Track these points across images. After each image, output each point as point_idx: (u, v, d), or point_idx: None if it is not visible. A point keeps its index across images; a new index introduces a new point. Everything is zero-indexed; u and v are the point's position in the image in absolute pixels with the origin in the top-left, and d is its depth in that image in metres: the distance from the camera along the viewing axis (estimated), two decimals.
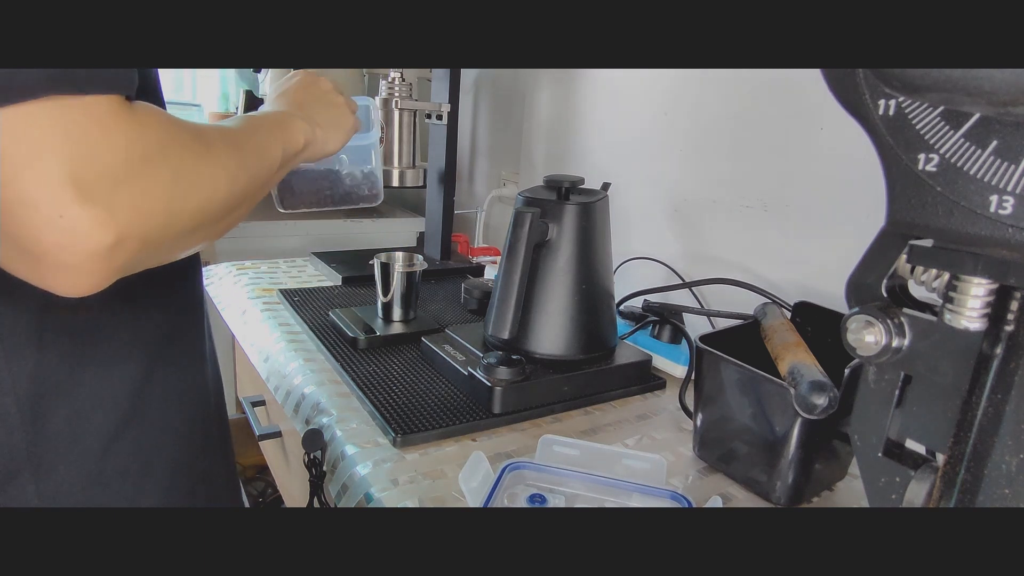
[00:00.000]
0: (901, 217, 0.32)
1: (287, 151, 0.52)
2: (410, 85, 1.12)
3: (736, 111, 0.90)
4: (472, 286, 1.00)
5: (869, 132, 0.32)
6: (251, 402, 1.04)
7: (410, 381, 0.74)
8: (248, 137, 0.46)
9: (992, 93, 0.24)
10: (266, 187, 0.49)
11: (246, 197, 0.44)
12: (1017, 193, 0.27)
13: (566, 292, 0.74)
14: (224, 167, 0.40)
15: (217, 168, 0.39)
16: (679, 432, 0.70)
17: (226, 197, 0.40)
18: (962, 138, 0.29)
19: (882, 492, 0.36)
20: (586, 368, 0.74)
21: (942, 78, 0.25)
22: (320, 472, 0.64)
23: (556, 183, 0.75)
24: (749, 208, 0.89)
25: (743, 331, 0.66)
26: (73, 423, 0.45)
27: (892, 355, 0.33)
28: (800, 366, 0.52)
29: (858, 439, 0.36)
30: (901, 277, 0.34)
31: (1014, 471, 0.29)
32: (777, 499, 0.57)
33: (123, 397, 0.47)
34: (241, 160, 0.43)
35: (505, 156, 1.47)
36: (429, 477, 0.58)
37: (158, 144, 0.34)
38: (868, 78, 0.31)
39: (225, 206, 0.41)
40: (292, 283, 1.10)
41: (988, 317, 0.30)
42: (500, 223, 1.48)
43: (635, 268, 1.06)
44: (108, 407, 0.46)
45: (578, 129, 1.21)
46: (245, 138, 0.45)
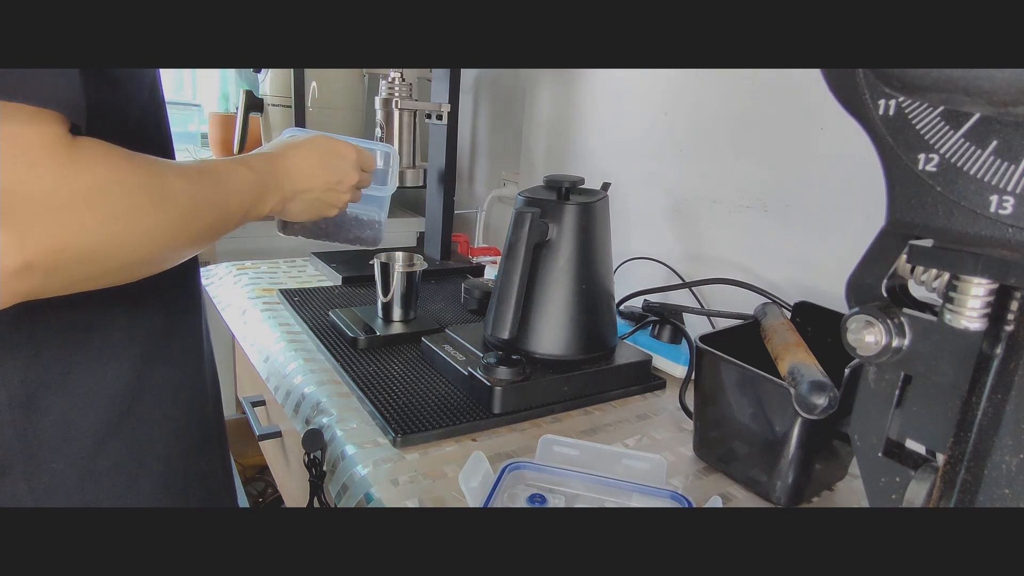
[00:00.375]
0: (901, 217, 0.32)
1: (249, 214, 0.51)
2: (410, 85, 1.12)
3: (736, 111, 0.90)
4: (472, 286, 1.00)
5: (869, 132, 0.32)
6: (251, 402, 1.04)
7: (410, 381, 0.74)
8: (212, 191, 0.45)
9: (992, 93, 0.24)
10: (219, 236, 0.48)
11: (192, 244, 0.44)
12: (1017, 193, 0.27)
13: (566, 292, 0.74)
14: (173, 216, 0.40)
15: (163, 216, 0.39)
16: (679, 432, 0.70)
17: (167, 244, 0.40)
18: (962, 138, 0.29)
19: (882, 492, 0.36)
20: (586, 368, 0.74)
21: (942, 78, 0.25)
22: (320, 472, 0.64)
23: (556, 183, 0.75)
24: (749, 208, 0.89)
25: (743, 331, 0.66)
26: (66, 419, 0.45)
27: (892, 355, 0.33)
28: (800, 366, 0.52)
29: (858, 439, 0.36)
30: (901, 277, 0.34)
31: (1014, 471, 0.29)
32: (777, 499, 0.57)
33: (117, 394, 0.47)
34: (196, 212, 0.42)
35: (505, 156, 1.47)
36: (429, 477, 0.58)
37: (95, 187, 0.34)
38: (868, 78, 0.31)
39: (164, 252, 0.41)
40: (292, 283, 1.10)
41: (988, 317, 0.30)
42: (500, 223, 1.48)
43: (635, 268, 1.06)
44: (102, 404, 0.47)
45: (578, 129, 1.21)
46: (208, 191, 0.44)
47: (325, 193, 0.61)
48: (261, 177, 0.52)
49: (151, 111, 0.48)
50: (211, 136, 1.86)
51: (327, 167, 0.61)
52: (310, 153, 0.60)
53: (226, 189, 0.47)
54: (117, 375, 0.47)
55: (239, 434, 1.32)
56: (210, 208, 0.44)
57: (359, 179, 0.64)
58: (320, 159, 0.60)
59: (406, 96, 1.11)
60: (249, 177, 0.51)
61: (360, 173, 0.64)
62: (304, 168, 0.58)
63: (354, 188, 0.64)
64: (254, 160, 0.53)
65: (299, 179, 0.58)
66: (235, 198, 0.48)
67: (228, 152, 1.76)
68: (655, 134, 1.04)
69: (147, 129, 0.48)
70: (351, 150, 0.64)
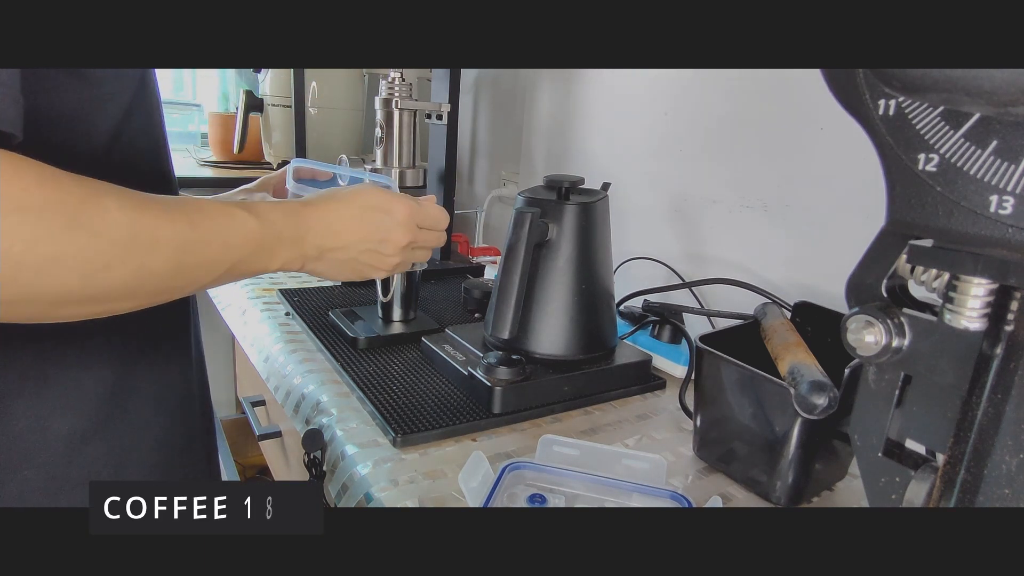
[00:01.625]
0: (901, 217, 0.32)
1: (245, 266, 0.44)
2: (410, 85, 1.12)
3: (736, 111, 0.90)
4: (472, 286, 1.00)
5: (869, 132, 0.32)
6: (251, 402, 1.04)
7: (410, 381, 0.74)
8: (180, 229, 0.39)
9: (992, 93, 0.24)
10: (185, 291, 0.43)
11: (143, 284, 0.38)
12: (1017, 193, 0.27)
13: (566, 292, 0.74)
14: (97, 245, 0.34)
15: (83, 243, 0.34)
16: (679, 432, 0.70)
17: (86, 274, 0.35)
18: (962, 138, 0.29)
19: (882, 492, 0.36)
20: (586, 368, 0.74)
21: (942, 78, 0.25)
22: (320, 472, 0.64)
23: (556, 183, 0.75)
24: (749, 208, 0.89)
25: (743, 331, 0.66)
26: (40, 425, 0.44)
27: (892, 355, 0.33)
28: (800, 366, 0.52)
29: (858, 439, 0.36)
30: (901, 277, 0.34)
31: (1014, 471, 0.29)
32: (777, 499, 0.57)
33: (95, 401, 0.46)
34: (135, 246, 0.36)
35: (505, 156, 1.47)
36: (429, 477, 0.58)
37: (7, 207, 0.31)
38: (868, 78, 0.31)
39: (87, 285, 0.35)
40: (292, 283, 1.10)
41: (988, 317, 0.30)
42: (500, 223, 1.48)
43: (635, 268, 1.06)
44: (78, 411, 0.45)
45: (578, 129, 1.21)
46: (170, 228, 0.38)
47: (364, 254, 0.53)
48: (272, 228, 0.45)
49: (139, 113, 0.47)
50: (211, 136, 1.86)
51: (366, 223, 0.52)
52: (347, 207, 0.52)
53: (206, 231, 0.40)
54: (97, 380, 0.46)
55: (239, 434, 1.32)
56: (169, 247, 0.38)
57: (413, 238, 0.56)
58: (359, 213, 0.52)
59: (406, 96, 1.11)
60: (250, 225, 0.44)
61: (416, 232, 0.56)
62: (335, 222, 0.50)
63: (407, 249, 0.56)
64: (269, 208, 0.46)
65: (327, 235, 0.50)
66: (217, 244, 0.41)
67: (228, 152, 1.76)
68: (655, 134, 1.04)
69: (131, 132, 0.46)
70: (403, 206, 0.54)
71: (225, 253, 0.42)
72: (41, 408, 0.44)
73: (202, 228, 0.40)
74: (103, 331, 0.46)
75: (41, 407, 0.44)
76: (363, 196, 0.53)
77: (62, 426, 0.45)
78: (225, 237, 0.42)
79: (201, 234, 0.40)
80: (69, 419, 0.45)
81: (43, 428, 0.44)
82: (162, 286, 0.39)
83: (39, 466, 0.44)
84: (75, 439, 0.45)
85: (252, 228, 0.44)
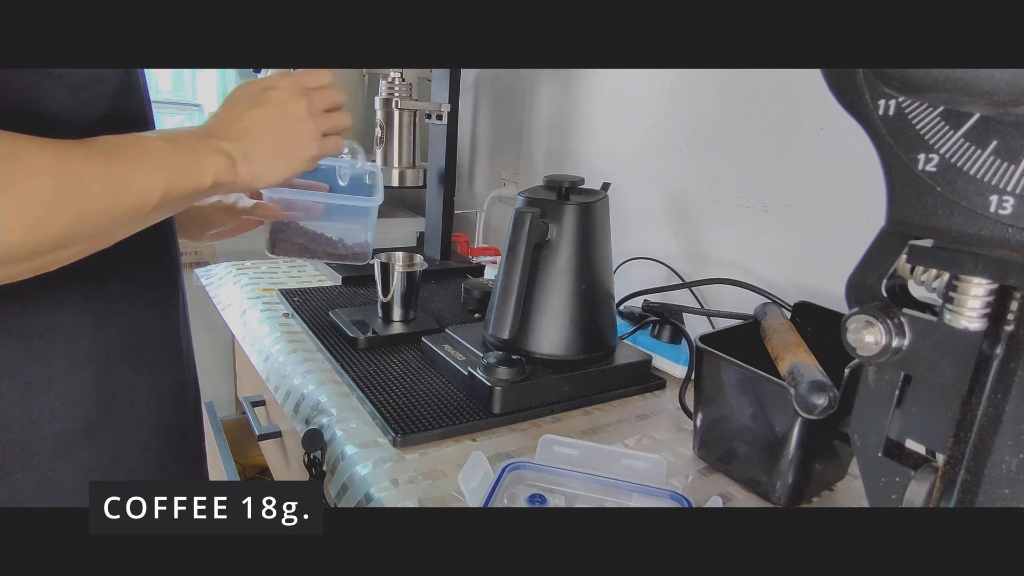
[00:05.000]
0: (901, 217, 0.32)
1: (176, 191, 0.42)
2: (410, 85, 1.12)
3: (736, 111, 0.90)
4: (472, 286, 1.00)
5: (869, 132, 0.32)
6: (251, 402, 1.04)
7: (410, 381, 0.74)
8: (102, 167, 0.38)
9: (992, 93, 0.24)
10: (129, 227, 0.42)
11: (79, 238, 0.38)
12: (1017, 193, 0.27)
13: (566, 292, 0.74)
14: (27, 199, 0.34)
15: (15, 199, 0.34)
16: (679, 432, 0.70)
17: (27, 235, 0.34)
18: (962, 138, 0.29)
19: (882, 492, 0.36)
20: (586, 368, 0.74)
21: (942, 78, 0.25)
22: (320, 472, 0.64)
23: (556, 183, 0.75)
24: (749, 208, 0.89)
25: (743, 331, 0.66)
26: (29, 428, 0.44)
27: (892, 355, 0.33)
28: (800, 366, 0.52)
29: (858, 439, 0.36)
30: (901, 277, 0.34)
31: (1014, 471, 0.29)
32: (777, 499, 0.57)
33: (83, 404, 0.46)
34: (71, 193, 0.36)
35: (505, 156, 1.47)
36: (429, 477, 0.58)
37: None
38: (868, 78, 0.31)
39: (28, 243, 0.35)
40: (292, 283, 1.10)
41: (988, 317, 0.30)
42: (500, 223, 1.48)
43: (635, 268, 1.06)
44: (68, 413, 0.45)
45: (578, 129, 1.21)
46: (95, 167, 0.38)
47: (279, 130, 0.50)
48: (184, 145, 0.44)
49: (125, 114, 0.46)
50: None
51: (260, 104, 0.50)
52: (236, 102, 0.50)
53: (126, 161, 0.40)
54: (85, 383, 0.46)
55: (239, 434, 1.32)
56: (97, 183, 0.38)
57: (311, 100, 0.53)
58: (250, 99, 0.50)
59: (406, 96, 1.11)
60: (163, 147, 0.42)
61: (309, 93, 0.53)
62: (236, 119, 0.48)
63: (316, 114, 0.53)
64: (175, 132, 0.46)
65: (235, 132, 0.48)
66: (142, 172, 0.40)
67: None
68: (655, 134, 1.04)
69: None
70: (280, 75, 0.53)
71: (153, 177, 0.41)
72: (30, 411, 0.44)
73: (122, 159, 0.40)
74: (91, 333, 0.46)
75: (31, 412, 0.44)
76: (244, 88, 0.52)
77: (52, 429, 0.45)
78: (146, 162, 0.41)
79: (123, 165, 0.39)
80: (59, 421, 0.45)
81: (33, 431, 0.44)
82: (102, 224, 0.39)
83: (30, 469, 0.44)
84: (65, 441, 0.45)
85: (166, 149, 0.43)
